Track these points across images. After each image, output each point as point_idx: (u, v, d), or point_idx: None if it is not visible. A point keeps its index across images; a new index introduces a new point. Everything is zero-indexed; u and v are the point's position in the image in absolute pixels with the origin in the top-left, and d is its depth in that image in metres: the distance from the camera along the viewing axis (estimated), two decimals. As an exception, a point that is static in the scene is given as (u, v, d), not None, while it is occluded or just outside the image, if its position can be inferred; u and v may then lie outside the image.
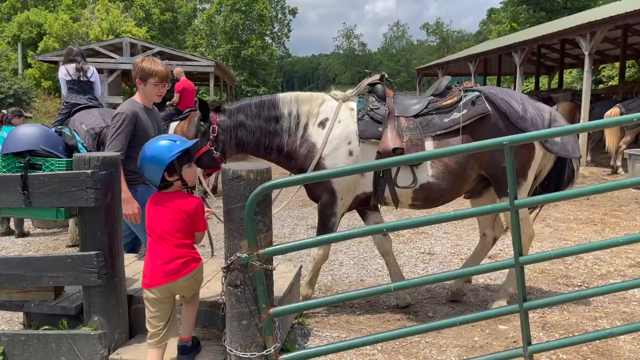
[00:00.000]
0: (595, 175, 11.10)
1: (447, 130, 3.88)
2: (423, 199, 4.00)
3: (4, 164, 2.93)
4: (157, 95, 3.79)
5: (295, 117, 4.00)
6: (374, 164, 2.89)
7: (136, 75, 3.69)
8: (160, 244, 2.80)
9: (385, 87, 4.10)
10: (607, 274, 5.07)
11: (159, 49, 17.85)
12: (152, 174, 2.78)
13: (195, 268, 2.87)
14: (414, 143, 3.83)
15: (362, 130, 3.92)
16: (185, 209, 2.82)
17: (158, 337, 2.82)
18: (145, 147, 2.81)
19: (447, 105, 3.95)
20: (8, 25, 39.78)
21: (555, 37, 13.76)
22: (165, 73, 3.74)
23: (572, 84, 28.44)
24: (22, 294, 3.17)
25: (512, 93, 4.10)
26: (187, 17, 53.69)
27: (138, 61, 3.71)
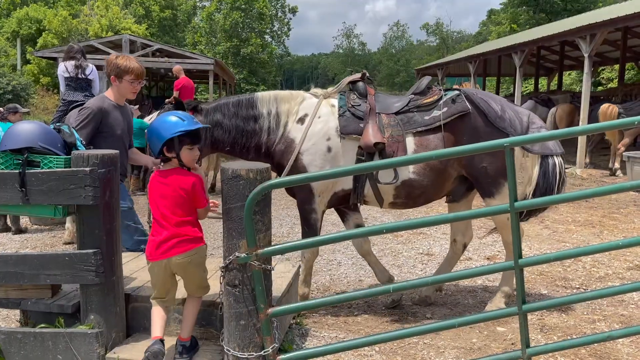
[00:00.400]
0: (594, 178, 11.11)
1: (427, 127, 3.92)
2: (405, 196, 4.01)
3: (2, 160, 2.91)
4: (132, 92, 3.78)
5: (274, 117, 3.99)
6: (377, 164, 2.87)
7: (111, 72, 3.66)
8: (162, 220, 2.88)
9: (366, 85, 4.14)
10: (605, 276, 5.07)
11: (159, 47, 17.80)
12: (153, 145, 2.94)
13: (192, 249, 2.89)
14: (395, 139, 3.88)
15: (343, 125, 3.94)
16: (183, 186, 2.89)
17: (159, 300, 2.98)
18: (156, 118, 2.94)
19: (427, 104, 4.00)
20: (7, 21, 39.69)
21: (555, 38, 13.76)
22: (141, 70, 3.73)
23: (571, 85, 28.50)
24: (19, 291, 3.15)
25: (490, 94, 4.16)
26: (187, 15, 53.65)
27: (112, 58, 3.68)
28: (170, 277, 2.98)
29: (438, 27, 77.43)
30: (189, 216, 2.93)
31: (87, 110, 3.63)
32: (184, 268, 2.93)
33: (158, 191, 2.93)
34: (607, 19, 10.90)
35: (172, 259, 2.87)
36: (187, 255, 2.90)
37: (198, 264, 2.97)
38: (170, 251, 2.86)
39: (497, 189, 3.92)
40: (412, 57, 75.87)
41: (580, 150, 11.88)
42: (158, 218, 2.91)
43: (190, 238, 2.91)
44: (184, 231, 2.89)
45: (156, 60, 17.10)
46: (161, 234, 2.88)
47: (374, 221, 7.47)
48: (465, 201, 4.39)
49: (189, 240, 2.90)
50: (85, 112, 3.64)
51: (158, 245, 2.88)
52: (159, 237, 2.88)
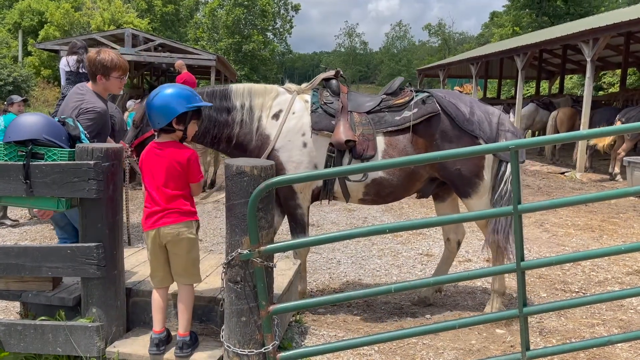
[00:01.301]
0: (594, 182, 11.13)
1: (397, 127, 3.96)
2: (374, 194, 4.06)
3: (6, 152, 2.90)
4: (119, 87, 3.74)
5: (248, 110, 4.00)
6: (382, 164, 2.87)
7: (97, 71, 3.58)
8: (154, 192, 2.89)
9: (339, 83, 4.16)
10: (604, 280, 5.07)
11: (161, 41, 17.75)
12: (160, 115, 2.86)
13: (182, 221, 2.90)
14: (366, 137, 3.91)
15: (315, 121, 3.97)
16: (178, 159, 2.90)
17: (155, 279, 3.00)
18: (166, 86, 2.89)
19: (399, 104, 4.03)
20: (9, 12, 39.57)
21: (557, 42, 13.76)
22: (126, 64, 3.72)
23: (572, 89, 28.52)
24: (20, 283, 3.14)
25: (460, 96, 4.17)
26: (190, 10, 53.56)
27: (94, 56, 3.61)
28: (161, 250, 2.95)
29: (440, 28, 77.43)
30: (182, 190, 2.93)
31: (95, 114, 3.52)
32: (173, 241, 2.90)
33: (153, 162, 2.92)
34: (610, 24, 10.90)
35: (162, 229, 2.88)
36: (176, 227, 2.88)
37: (188, 239, 2.92)
38: (160, 221, 2.88)
39: (473, 188, 3.97)
40: (414, 58, 75.97)
41: (580, 154, 11.89)
42: (151, 190, 2.92)
43: (182, 211, 2.91)
44: (176, 204, 2.90)
45: (158, 55, 17.05)
46: (153, 206, 2.90)
47: (373, 220, 7.48)
48: (451, 200, 4.42)
49: (180, 212, 2.90)
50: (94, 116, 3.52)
51: (149, 215, 2.91)
52: (151, 209, 2.91)
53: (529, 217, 7.51)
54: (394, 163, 3.12)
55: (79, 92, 3.63)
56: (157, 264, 2.98)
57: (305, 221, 4.11)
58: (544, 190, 10.20)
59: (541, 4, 40.73)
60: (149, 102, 2.91)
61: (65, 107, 3.59)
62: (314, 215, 7.62)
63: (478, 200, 3.99)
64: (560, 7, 40.32)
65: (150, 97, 2.92)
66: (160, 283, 3.01)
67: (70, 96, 3.64)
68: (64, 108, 3.61)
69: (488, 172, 4.03)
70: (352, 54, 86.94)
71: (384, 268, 5.36)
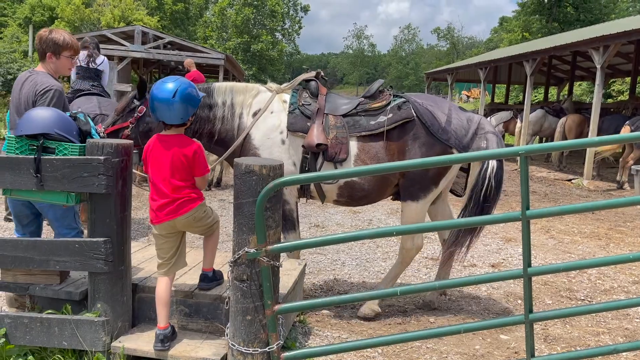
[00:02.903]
0: (601, 190, 11.07)
1: (371, 132, 3.95)
2: (347, 196, 4.09)
3: (17, 145, 2.93)
4: (69, 68, 3.69)
5: (229, 107, 4.05)
6: (391, 166, 2.87)
7: (47, 49, 3.50)
8: (160, 184, 2.97)
9: (319, 85, 4.15)
10: (610, 289, 5.05)
11: (170, 39, 17.83)
12: (185, 110, 2.94)
13: (193, 208, 3.01)
14: (339, 141, 3.91)
15: (290, 122, 3.98)
16: (184, 152, 2.96)
17: (165, 268, 3.07)
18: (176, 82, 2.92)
19: (375, 108, 4.02)
20: (20, 7, 39.85)
21: (567, 48, 13.70)
22: (77, 45, 3.67)
23: (581, 96, 28.38)
24: (27, 276, 3.16)
25: (439, 102, 4.13)
26: (199, 9, 53.70)
27: (45, 34, 3.54)
28: (176, 235, 3.08)
29: (449, 32, 77.29)
30: (188, 181, 3.00)
31: (56, 92, 3.44)
32: (189, 224, 3.07)
33: (159, 155, 2.98)
34: (620, 31, 10.85)
35: (177, 220, 3.00)
36: (190, 214, 3.02)
37: (201, 217, 3.10)
38: (175, 214, 2.98)
39: (425, 193, 3.96)
40: (422, 61, 75.86)
41: (587, 162, 11.83)
42: (157, 182, 2.98)
43: (191, 198, 3.01)
44: (183, 194, 2.98)
45: (167, 53, 17.13)
46: (161, 198, 2.98)
47: (379, 223, 7.48)
48: (441, 201, 4.40)
49: (189, 200, 3.00)
50: (55, 94, 3.42)
51: (159, 208, 2.98)
52: (159, 202, 2.98)
53: (535, 224, 7.49)
54: (414, 165, 3.12)
55: (32, 78, 3.49)
56: (168, 252, 3.07)
57: (295, 217, 4.15)
58: (550, 197, 10.16)
59: (551, 10, 40.59)
60: (166, 99, 2.88)
61: (20, 95, 3.46)
62: (318, 217, 7.63)
63: (423, 206, 3.99)
64: (570, 13, 40.16)
65: (164, 92, 2.89)
66: (168, 272, 3.08)
67: (22, 84, 3.51)
68: (18, 97, 3.48)
69: (445, 181, 4.04)
70: (360, 55, 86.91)
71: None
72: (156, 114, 2.96)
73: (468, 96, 45.93)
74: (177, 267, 3.13)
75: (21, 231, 3.60)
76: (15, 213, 3.56)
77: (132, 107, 3.90)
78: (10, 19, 41.01)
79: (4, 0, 44.00)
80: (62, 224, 3.48)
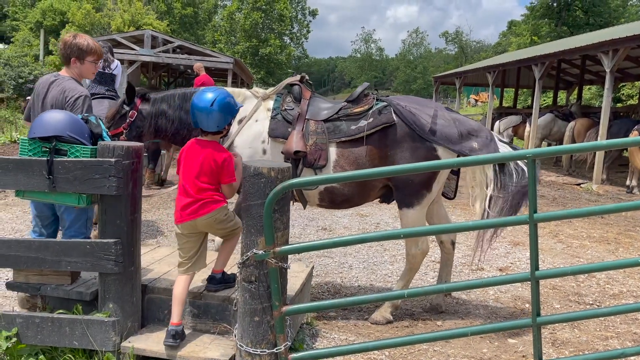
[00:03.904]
0: (610, 194, 11.00)
1: (351, 137, 3.90)
2: (329, 201, 4.08)
3: (30, 147, 2.98)
4: (93, 72, 3.76)
5: None
6: (396, 169, 2.89)
7: (71, 54, 3.57)
8: (187, 185, 3.12)
9: (302, 89, 4.12)
10: (619, 294, 5.02)
11: (180, 43, 17.97)
12: (224, 119, 3.13)
13: (214, 209, 3.13)
14: (319, 147, 3.88)
15: (272, 128, 3.98)
16: (215, 158, 3.12)
17: (185, 266, 3.18)
18: (219, 94, 3.10)
19: (357, 113, 3.98)
20: (32, 12, 40.31)
21: (576, 52, 13.65)
22: (101, 50, 3.74)
23: (591, 100, 28.21)
24: (39, 276, 3.21)
25: (425, 104, 4.07)
26: (208, 13, 54.04)
27: (69, 39, 3.61)
28: (197, 236, 3.20)
29: (457, 35, 77.18)
30: (213, 185, 3.14)
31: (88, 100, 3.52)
32: (210, 226, 3.18)
33: (192, 156, 3.14)
34: (630, 35, 10.80)
35: (198, 220, 3.11)
36: (211, 215, 3.13)
37: (222, 220, 3.19)
38: (196, 214, 3.10)
39: (419, 199, 3.91)
40: (430, 65, 75.72)
41: (597, 166, 11.77)
42: (185, 182, 3.13)
43: (213, 200, 3.13)
44: (206, 195, 3.11)
45: (176, 57, 17.25)
46: (186, 198, 3.12)
47: (386, 226, 7.48)
48: (434, 203, 4.35)
49: (211, 202, 3.13)
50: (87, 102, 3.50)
51: (184, 207, 3.12)
52: (184, 202, 3.13)
53: (543, 228, 7.46)
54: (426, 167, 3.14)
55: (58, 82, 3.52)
56: (189, 252, 3.18)
57: None
58: (559, 201, 10.11)
59: (560, 13, 40.45)
60: (205, 107, 3.07)
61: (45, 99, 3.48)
62: (326, 220, 7.64)
63: (418, 213, 3.93)
64: (580, 17, 39.99)
65: (204, 102, 3.07)
66: (187, 271, 3.18)
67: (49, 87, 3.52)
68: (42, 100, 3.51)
69: (437, 185, 3.98)
70: (368, 59, 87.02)
71: (396, 274, 5.36)
72: (195, 120, 3.14)
73: (476, 100, 45.77)
74: (196, 267, 3.22)
75: (38, 232, 3.66)
76: (36, 214, 3.62)
77: (122, 113, 3.94)
78: (21, 23, 41.52)
79: (15, 5, 44.53)
80: (73, 227, 3.52)
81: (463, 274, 5.47)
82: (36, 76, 23.43)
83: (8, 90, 22.53)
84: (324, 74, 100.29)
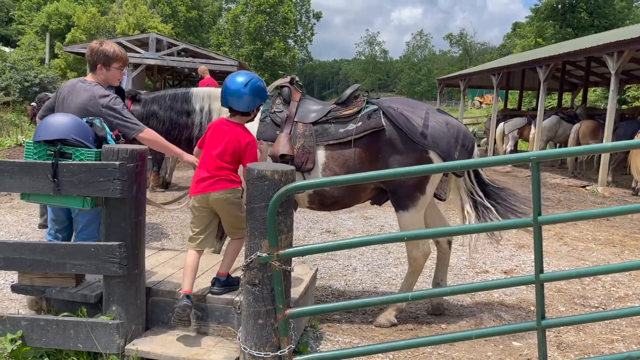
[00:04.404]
0: (616, 196, 10.94)
1: (339, 140, 3.88)
2: (318, 203, 4.08)
3: (36, 150, 2.99)
4: (119, 79, 3.78)
5: (207, 113, 4.06)
6: (399, 172, 2.88)
7: (97, 60, 3.61)
8: (207, 161, 3.25)
9: (292, 91, 4.09)
10: (625, 296, 4.99)
11: (184, 46, 18.03)
12: (252, 102, 3.29)
13: (228, 188, 3.23)
14: (306, 150, 3.86)
15: (260, 131, 3.97)
16: (240, 139, 3.26)
17: (195, 242, 3.29)
18: (252, 77, 3.29)
19: (346, 115, 3.95)
20: (37, 15, 40.59)
21: (581, 54, 13.60)
22: (127, 57, 3.79)
23: (596, 102, 28.12)
24: (44, 279, 3.22)
25: (415, 106, 4.06)
26: (213, 16, 54.26)
27: (96, 45, 3.64)
28: (207, 212, 3.28)
29: (462, 38, 77.10)
30: (232, 165, 3.26)
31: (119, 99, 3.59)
32: (221, 204, 3.24)
33: (218, 133, 3.27)
34: (635, 37, 10.75)
35: (211, 194, 3.21)
36: (224, 193, 3.22)
37: (233, 202, 3.26)
38: (211, 187, 3.21)
39: (413, 202, 3.90)
40: (434, 67, 75.66)
41: (602, 168, 11.72)
42: (206, 157, 3.26)
43: (229, 179, 3.24)
44: (223, 174, 3.23)
45: (181, 60, 17.31)
46: (203, 172, 3.25)
47: (390, 229, 7.47)
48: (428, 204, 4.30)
49: (227, 180, 3.23)
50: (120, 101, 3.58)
51: (199, 180, 3.24)
52: (201, 175, 3.25)
53: (548, 230, 7.43)
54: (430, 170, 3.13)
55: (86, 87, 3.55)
56: (199, 226, 3.29)
57: None
58: (564, 204, 10.07)
59: (565, 15, 40.35)
60: (238, 88, 3.24)
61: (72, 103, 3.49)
62: (330, 222, 7.64)
63: (415, 215, 3.91)
64: (584, 19, 39.87)
65: (237, 83, 3.24)
66: (198, 246, 3.29)
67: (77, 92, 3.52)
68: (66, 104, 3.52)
69: (431, 187, 3.96)
70: (372, 62, 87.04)
71: (400, 276, 5.35)
72: (226, 100, 3.28)
73: (481, 102, 45.71)
74: (204, 245, 3.33)
75: (53, 235, 3.68)
76: (53, 217, 3.64)
77: None
78: (27, 27, 41.81)
79: (21, 9, 44.83)
80: (86, 230, 3.53)
81: (467, 277, 5.46)
82: (42, 80, 23.60)
83: (14, 94, 22.68)
84: (328, 77, 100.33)
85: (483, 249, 6.54)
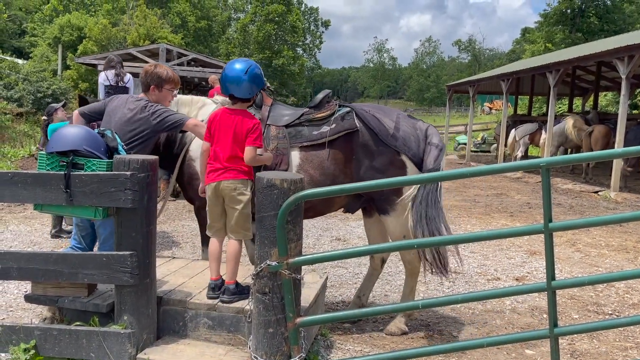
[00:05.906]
0: (629, 202, 10.83)
1: (313, 142, 3.90)
2: None
3: (48, 162, 3.04)
4: (169, 100, 3.91)
5: None
6: (406, 179, 2.89)
7: (151, 82, 3.77)
8: (219, 152, 3.35)
9: (263, 96, 4.13)
10: (638, 303, 4.93)
11: (194, 56, 18.20)
12: (252, 88, 3.40)
13: (240, 178, 3.34)
14: (280, 152, 3.87)
15: None
16: (246, 124, 3.36)
17: (213, 229, 3.45)
18: (250, 65, 3.40)
19: (319, 118, 3.97)
20: (50, 27, 41.21)
21: (591, 59, 13.54)
22: (178, 79, 3.95)
23: (607, 107, 27.90)
24: (56, 289, 3.26)
25: (387, 110, 4.09)
26: (222, 26, 54.73)
27: (150, 68, 3.82)
28: (218, 201, 3.38)
29: (471, 44, 77.01)
30: (242, 153, 3.34)
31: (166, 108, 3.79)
32: (230, 194, 3.33)
33: (224, 123, 3.37)
34: (646, 41, 10.70)
35: (222, 182, 3.32)
36: (234, 182, 3.32)
37: (241, 193, 3.34)
38: (221, 176, 3.33)
39: (391, 205, 3.89)
40: (443, 73, 75.60)
41: (614, 173, 11.60)
42: (217, 150, 3.36)
43: (240, 170, 3.35)
44: (235, 164, 3.34)
45: (191, 70, 17.47)
46: (216, 163, 3.36)
47: (401, 236, 7.44)
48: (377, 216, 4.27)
49: (238, 171, 3.34)
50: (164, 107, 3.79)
51: (212, 171, 3.37)
52: (213, 167, 3.37)
53: (560, 237, 7.36)
54: (431, 178, 3.13)
55: (139, 100, 3.77)
56: (216, 215, 3.41)
57: None
58: (576, 210, 9.98)
59: (574, 20, 40.19)
60: (238, 75, 3.33)
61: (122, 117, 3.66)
62: (340, 230, 7.63)
63: (396, 219, 3.90)
64: (594, 23, 39.68)
65: (236, 71, 3.34)
66: (216, 234, 3.44)
67: (124, 106, 3.71)
68: (108, 117, 3.71)
69: (407, 190, 3.93)
70: (381, 69, 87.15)
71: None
72: (226, 88, 3.36)
73: (490, 108, 45.52)
74: (221, 234, 3.44)
75: (78, 240, 3.77)
76: (76, 222, 3.78)
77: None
78: (40, 38, 42.46)
79: (33, 21, 45.54)
80: (108, 243, 3.57)
81: (479, 284, 5.42)
82: (54, 91, 23.90)
83: (27, 105, 22.99)
84: (337, 84, 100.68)
85: (494, 255, 6.50)
